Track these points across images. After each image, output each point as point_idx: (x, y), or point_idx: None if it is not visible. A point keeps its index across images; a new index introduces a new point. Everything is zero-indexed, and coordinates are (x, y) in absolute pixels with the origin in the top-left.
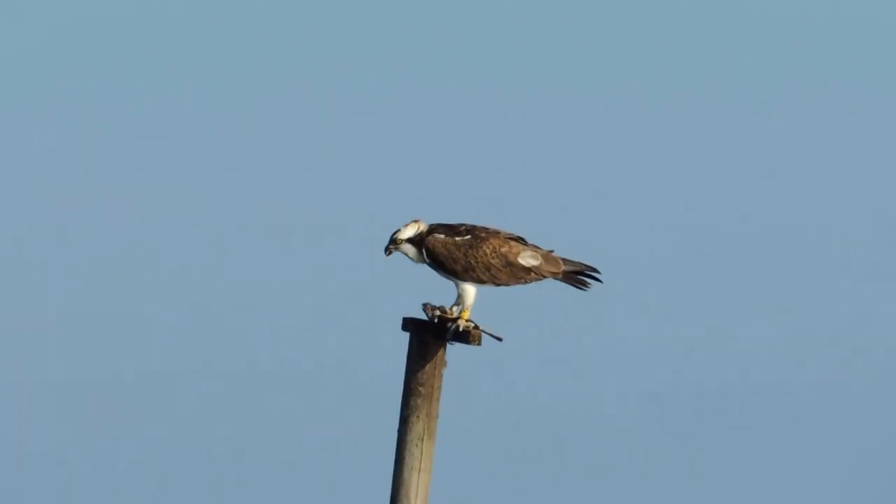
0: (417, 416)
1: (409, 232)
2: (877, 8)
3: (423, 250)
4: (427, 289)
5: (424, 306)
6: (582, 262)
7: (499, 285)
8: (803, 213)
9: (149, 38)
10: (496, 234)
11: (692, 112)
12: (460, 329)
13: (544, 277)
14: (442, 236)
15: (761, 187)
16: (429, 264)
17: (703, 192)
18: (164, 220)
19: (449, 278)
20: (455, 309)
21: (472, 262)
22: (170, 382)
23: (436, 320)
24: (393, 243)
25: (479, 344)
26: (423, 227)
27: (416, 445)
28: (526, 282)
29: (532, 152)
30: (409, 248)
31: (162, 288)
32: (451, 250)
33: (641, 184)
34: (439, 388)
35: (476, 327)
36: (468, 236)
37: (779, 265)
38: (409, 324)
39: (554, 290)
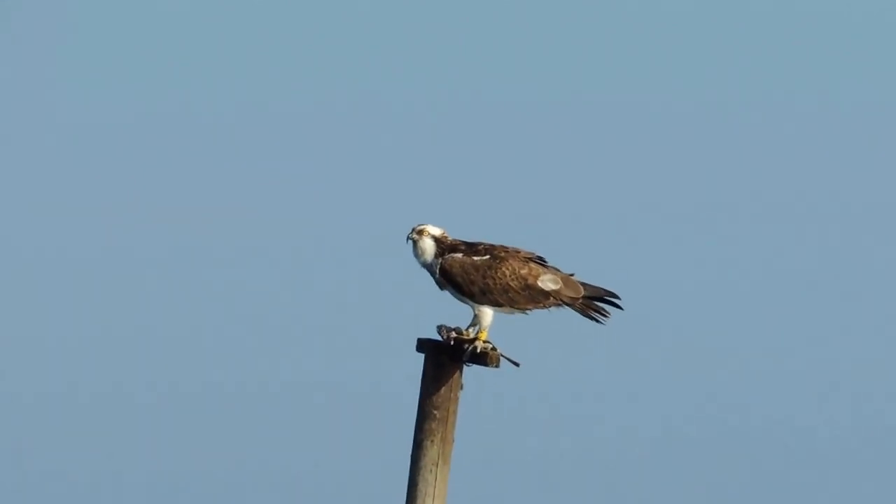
0: (432, 441)
1: (435, 230)
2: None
3: (439, 268)
4: (442, 310)
5: (439, 328)
6: (603, 287)
7: (516, 308)
8: (835, 243)
9: (152, 48)
10: (515, 254)
11: (718, 137)
12: (478, 350)
13: (563, 303)
14: (460, 255)
15: (792, 215)
16: (438, 281)
17: (727, 220)
18: (173, 236)
19: (464, 301)
20: (471, 330)
21: (489, 283)
22: (177, 402)
23: (451, 342)
24: (417, 233)
25: (496, 366)
26: (449, 238)
27: (430, 471)
28: (545, 306)
29: (556, 172)
30: (429, 246)
31: (169, 305)
32: (469, 271)
33: (665, 210)
34: (455, 411)
35: (493, 349)
36: (487, 256)
37: (808, 296)
38: (424, 345)
39: (573, 315)
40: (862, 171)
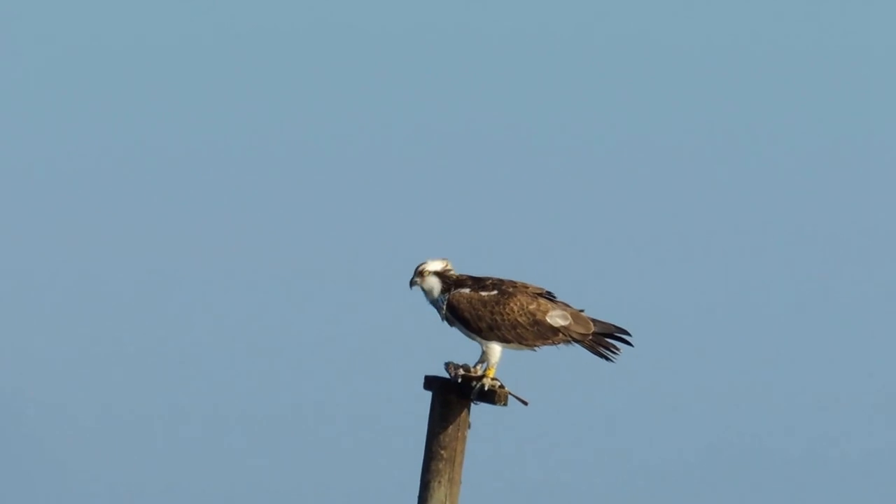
0: (439, 482)
1: (436, 265)
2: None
3: (446, 304)
4: (450, 347)
5: (447, 366)
6: (613, 323)
7: (525, 345)
8: (846, 268)
9: (150, 77)
10: (524, 289)
11: (729, 171)
12: (486, 388)
13: (573, 339)
14: (467, 290)
15: (805, 248)
16: (446, 318)
17: (740, 258)
18: (183, 269)
19: (472, 337)
20: (479, 367)
21: (497, 319)
22: (182, 433)
23: (459, 380)
24: (419, 275)
25: (505, 404)
26: (452, 270)
27: None
28: (553, 343)
29: (566, 206)
30: (435, 283)
31: (175, 333)
32: (477, 307)
33: (678, 246)
34: (462, 451)
35: (502, 386)
36: (494, 291)
37: (823, 330)
38: (431, 383)
39: (583, 352)
40: (880, 197)
